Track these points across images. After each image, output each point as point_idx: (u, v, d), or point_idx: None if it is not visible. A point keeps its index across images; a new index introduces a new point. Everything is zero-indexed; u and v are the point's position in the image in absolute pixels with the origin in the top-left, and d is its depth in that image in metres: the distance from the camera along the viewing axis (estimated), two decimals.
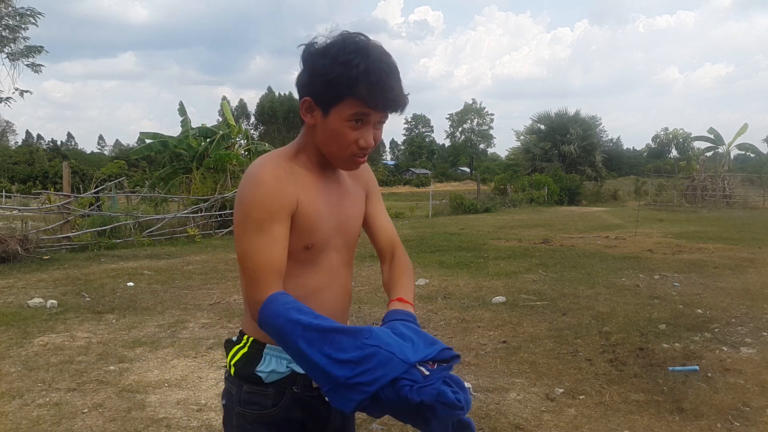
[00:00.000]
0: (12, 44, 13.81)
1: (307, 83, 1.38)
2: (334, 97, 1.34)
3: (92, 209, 13.61)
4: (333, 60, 1.32)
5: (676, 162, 43.41)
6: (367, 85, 1.31)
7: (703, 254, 10.74)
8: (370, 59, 1.32)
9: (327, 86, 1.34)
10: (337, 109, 1.35)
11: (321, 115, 1.38)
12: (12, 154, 50.20)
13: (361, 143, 1.39)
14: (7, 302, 6.81)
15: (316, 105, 1.38)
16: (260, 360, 1.45)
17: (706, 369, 4.51)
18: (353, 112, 1.35)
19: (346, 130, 1.37)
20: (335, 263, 1.52)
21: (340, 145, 1.40)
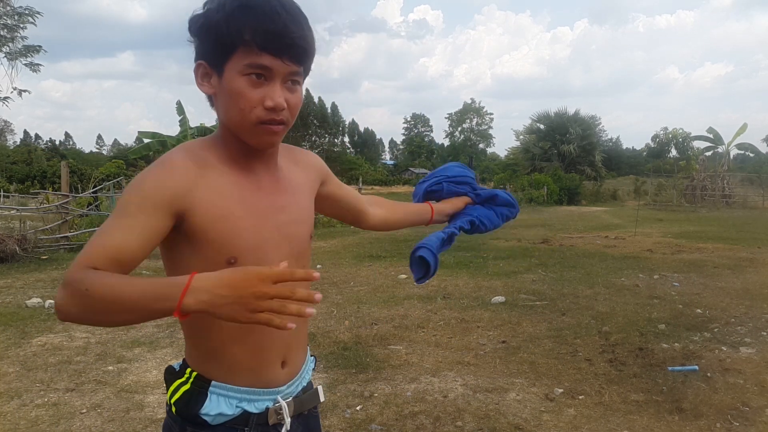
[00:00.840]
0: (10, 44, 13.78)
1: (196, 46, 1.20)
2: (224, 48, 1.13)
3: (90, 209, 13.60)
4: (211, 13, 1.15)
5: (676, 162, 43.48)
6: (253, 24, 1.11)
7: (702, 254, 10.74)
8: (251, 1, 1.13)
9: (213, 40, 1.15)
10: (231, 64, 1.14)
11: (217, 79, 1.17)
12: (10, 154, 50.15)
13: (267, 103, 1.14)
14: (6, 302, 6.80)
15: (210, 67, 1.17)
16: (205, 400, 1.23)
17: (705, 369, 4.50)
18: (248, 62, 1.12)
19: (244, 87, 1.14)
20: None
21: (241, 109, 1.15)
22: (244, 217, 1.20)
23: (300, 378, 1.38)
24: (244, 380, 1.26)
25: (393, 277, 8.44)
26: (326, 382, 4.29)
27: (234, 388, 1.24)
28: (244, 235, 1.19)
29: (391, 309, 6.50)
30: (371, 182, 56.05)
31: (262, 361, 1.27)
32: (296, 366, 1.36)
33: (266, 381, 1.28)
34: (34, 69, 14.44)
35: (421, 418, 3.69)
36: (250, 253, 1.19)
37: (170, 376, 1.29)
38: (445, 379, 4.37)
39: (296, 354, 1.35)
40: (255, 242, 1.20)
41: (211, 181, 1.18)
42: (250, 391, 1.26)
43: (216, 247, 1.17)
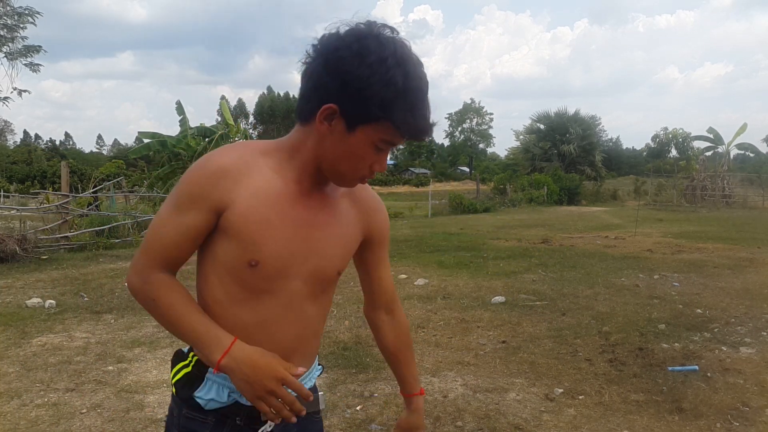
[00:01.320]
0: (10, 44, 13.79)
1: (335, 90, 1.16)
2: (368, 116, 1.16)
3: (90, 209, 13.60)
4: (371, 72, 1.12)
5: (676, 162, 43.47)
6: (404, 111, 1.15)
7: (702, 254, 10.74)
8: (409, 77, 1.15)
9: (361, 102, 1.14)
10: (367, 130, 1.17)
11: (343, 129, 1.18)
12: (10, 154, 50.19)
13: (375, 168, 1.24)
14: (6, 302, 6.80)
15: (342, 117, 1.17)
16: (200, 384, 1.29)
17: (705, 369, 4.50)
18: (385, 139, 1.19)
19: (368, 152, 1.21)
20: (297, 294, 1.31)
21: (353, 166, 1.23)
22: (277, 226, 1.24)
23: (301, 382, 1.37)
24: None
25: (393, 276, 8.41)
26: (326, 382, 4.29)
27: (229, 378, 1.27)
28: (270, 243, 1.24)
29: None
30: (371, 182, 55.62)
31: None
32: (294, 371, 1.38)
33: None
34: (34, 69, 14.46)
35: None
36: (272, 260, 1.25)
37: (176, 359, 1.36)
38: (445, 379, 4.37)
39: (297, 362, 1.35)
40: (280, 252, 1.25)
41: (256, 185, 1.23)
42: None
43: (243, 246, 1.23)
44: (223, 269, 1.26)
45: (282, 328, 1.30)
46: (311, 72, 1.19)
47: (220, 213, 1.22)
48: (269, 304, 1.28)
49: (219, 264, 1.26)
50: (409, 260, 10.07)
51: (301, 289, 1.31)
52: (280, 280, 1.27)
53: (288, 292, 1.29)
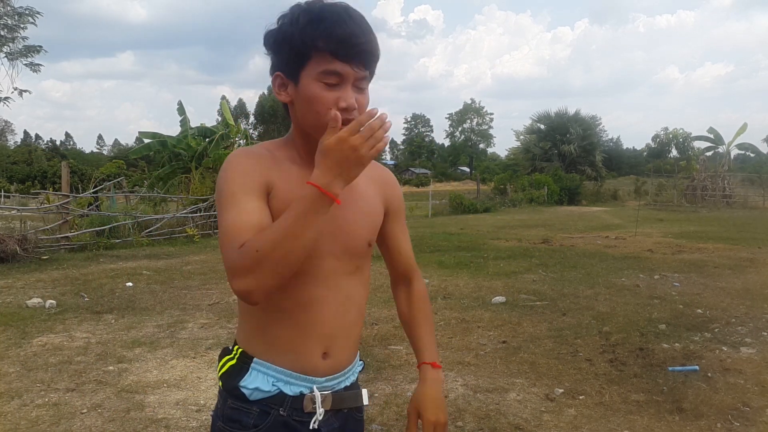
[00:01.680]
0: (11, 44, 13.81)
1: (272, 60, 1.29)
2: (299, 58, 1.23)
3: (91, 209, 13.60)
4: (287, 23, 1.24)
5: (676, 162, 43.46)
6: (326, 33, 1.20)
7: (703, 254, 10.74)
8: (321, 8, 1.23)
9: (288, 51, 1.24)
10: (306, 71, 1.23)
11: (294, 87, 1.26)
12: (10, 154, 50.19)
13: (341, 104, 1.22)
14: (6, 302, 6.80)
15: (287, 77, 1.27)
16: (245, 373, 1.33)
17: (705, 369, 4.50)
18: (322, 70, 1.22)
19: (320, 91, 1.23)
20: (333, 272, 1.33)
21: (317, 111, 1.23)
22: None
23: (344, 376, 1.41)
24: (282, 361, 1.32)
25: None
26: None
27: (273, 367, 1.32)
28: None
29: (392, 309, 6.49)
30: None
31: (301, 346, 1.32)
32: (340, 361, 1.38)
33: (304, 367, 1.33)
34: (35, 69, 14.48)
35: None
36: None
37: (223, 354, 1.40)
38: (446, 379, 4.37)
39: (341, 348, 1.38)
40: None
41: (284, 171, 1.30)
42: (287, 373, 1.32)
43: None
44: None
45: (324, 308, 1.32)
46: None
47: (269, 193, 1.27)
48: (308, 284, 1.30)
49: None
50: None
51: (336, 266, 1.33)
52: (313, 259, 1.28)
53: (323, 270, 1.31)
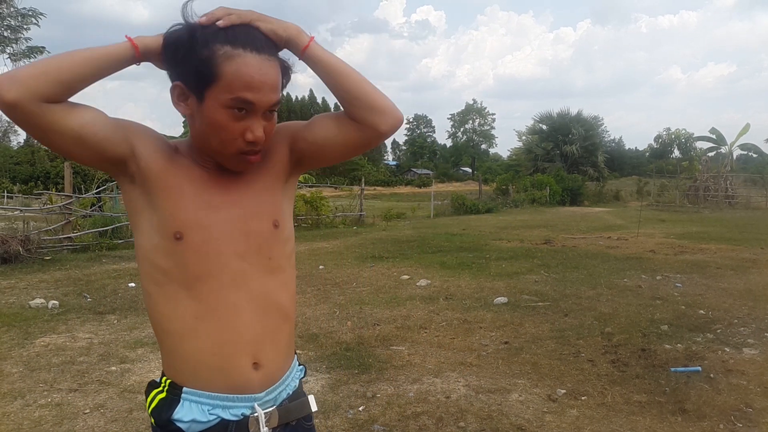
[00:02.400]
0: (14, 45, 13.85)
1: (172, 66, 1.16)
2: (206, 77, 1.10)
3: (94, 210, 13.61)
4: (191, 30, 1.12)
5: (679, 162, 43.41)
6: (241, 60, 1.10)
7: (705, 255, 10.73)
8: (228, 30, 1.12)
9: (194, 66, 1.11)
10: (212, 92, 1.11)
11: (196, 103, 1.14)
12: (13, 155, 50.19)
13: (248, 136, 1.14)
14: (9, 303, 6.82)
15: (188, 90, 1.14)
16: (177, 406, 1.21)
17: (708, 370, 4.50)
18: (232, 97, 1.11)
19: (227, 120, 1.12)
20: (242, 273, 1.22)
21: (221, 140, 1.15)
22: (192, 195, 1.20)
23: (283, 385, 1.31)
24: (214, 384, 1.21)
25: (395, 277, 8.44)
26: (329, 382, 4.29)
27: (205, 393, 1.21)
28: (190, 211, 1.20)
29: (394, 310, 6.50)
30: (373, 183, 56.03)
31: (227, 359, 1.21)
32: (273, 370, 1.28)
33: (238, 384, 1.22)
34: None
35: (424, 418, 3.70)
36: (198, 231, 1.19)
37: (150, 388, 1.28)
38: (448, 379, 4.37)
39: (272, 356, 1.27)
40: (203, 223, 1.20)
41: (174, 160, 1.21)
42: (223, 397, 1.21)
43: (165, 215, 1.19)
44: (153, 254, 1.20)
45: (240, 312, 1.22)
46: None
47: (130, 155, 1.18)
48: (215, 288, 1.20)
49: (147, 250, 1.21)
50: (412, 261, 10.08)
51: (245, 267, 1.22)
52: (213, 257, 1.20)
53: (231, 272, 1.21)
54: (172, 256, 1.19)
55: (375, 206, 24.36)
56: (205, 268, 1.19)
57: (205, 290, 1.20)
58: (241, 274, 1.22)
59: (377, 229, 16.59)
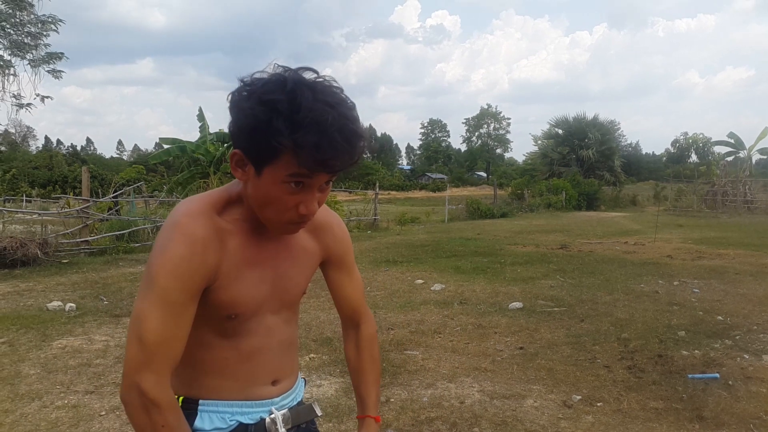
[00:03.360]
0: (33, 51, 14.01)
1: (236, 135, 1.11)
2: (266, 153, 1.07)
3: (111, 213, 13.74)
4: (257, 100, 1.05)
5: (696, 167, 43.01)
6: (305, 144, 1.03)
7: (723, 260, 10.60)
8: (304, 104, 1.03)
9: (253, 138, 1.07)
10: (272, 169, 1.08)
11: (254, 173, 1.12)
12: (32, 159, 50.90)
13: (302, 210, 1.14)
14: (27, 305, 6.89)
15: (249, 161, 1.11)
16: (195, 419, 1.26)
17: (726, 377, 4.44)
18: (291, 173, 1.08)
19: (282, 194, 1.11)
20: (271, 324, 1.32)
21: (276, 210, 1.14)
22: (248, 280, 1.24)
23: (294, 393, 1.43)
24: (232, 397, 1.30)
25: (410, 282, 8.43)
26: (342, 386, 4.29)
27: (224, 402, 1.29)
28: (247, 297, 1.25)
29: (408, 314, 6.49)
30: (388, 187, 56.03)
31: (247, 385, 1.31)
32: (288, 384, 1.41)
33: (257, 395, 1.33)
34: (56, 75, 14.66)
35: (438, 423, 3.68)
36: (247, 310, 1.27)
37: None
38: (462, 385, 4.35)
39: (288, 373, 1.41)
40: (254, 303, 1.27)
41: (230, 249, 1.21)
42: (240, 404, 1.30)
43: (223, 305, 1.22)
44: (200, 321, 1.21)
45: (267, 356, 1.33)
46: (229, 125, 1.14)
47: (208, 284, 1.18)
48: (250, 338, 1.29)
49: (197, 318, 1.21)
50: (426, 265, 10.06)
51: (275, 320, 1.34)
52: (254, 318, 1.29)
53: (264, 326, 1.31)
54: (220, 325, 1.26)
55: (389, 210, 24.35)
56: (246, 328, 1.29)
57: (241, 340, 1.29)
58: (273, 326, 1.33)
59: (391, 234, 16.59)
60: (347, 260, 1.48)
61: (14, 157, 50.50)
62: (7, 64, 13.82)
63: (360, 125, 1.09)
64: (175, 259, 1.12)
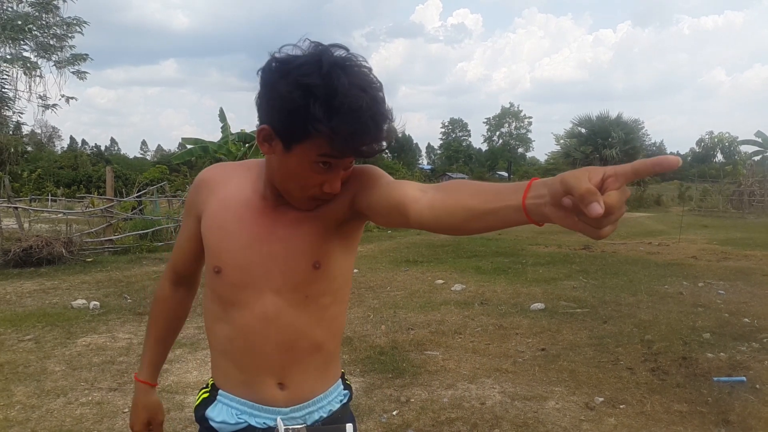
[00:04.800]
0: (59, 52, 14.23)
1: (266, 110, 1.12)
2: (298, 132, 1.07)
3: (134, 213, 13.91)
4: (294, 83, 1.04)
5: (722, 166, 42.36)
6: (338, 127, 1.03)
7: (750, 261, 10.41)
8: (338, 85, 1.03)
9: (287, 118, 1.07)
10: (302, 148, 1.09)
11: (282, 150, 1.12)
12: (57, 159, 51.67)
13: (326, 188, 1.15)
14: (53, 303, 7.00)
15: (278, 137, 1.12)
16: (212, 405, 1.32)
17: (753, 380, 4.35)
18: (320, 153, 1.09)
19: (310, 172, 1.12)
20: (273, 305, 1.25)
21: (300, 187, 1.16)
22: (235, 233, 1.26)
23: (315, 406, 1.31)
24: (240, 392, 1.30)
25: (430, 282, 8.41)
26: (363, 386, 4.29)
27: (235, 398, 1.30)
28: (230, 248, 1.26)
29: (428, 314, 6.47)
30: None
31: (252, 377, 1.29)
32: (301, 391, 1.30)
33: (262, 399, 1.28)
34: (81, 77, 14.88)
35: (458, 424, 3.66)
36: (235, 269, 1.26)
37: (203, 387, 1.40)
38: (483, 386, 4.33)
39: (299, 379, 1.29)
40: (240, 260, 1.25)
41: (227, 193, 1.29)
42: (250, 405, 1.29)
43: (210, 253, 1.30)
44: (207, 284, 1.34)
45: (264, 339, 1.25)
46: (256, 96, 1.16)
47: (200, 219, 1.33)
48: (245, 315, 1.26)
49: (206, 280, 1.35)
50: (446, 265, 10.02)
51: (276, 301, 1.25)
52: (247, 289, 1.25)
53: (261, 303, 1.25)
54: (214, 284, 1.30)
55: None
56: (238, 299, 1.27)
57: (237, 317, 1.27)
58: (273, 306, 1.25)
59: (412, 233, 16.56)
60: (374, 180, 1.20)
61: (40, 157, 51.31)
62: (33, 66, 14.05)
63: (387, 108, 1.11)
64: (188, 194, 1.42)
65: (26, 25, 13.37)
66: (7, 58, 13.58)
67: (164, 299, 1.52)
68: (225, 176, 1.33)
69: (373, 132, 1.07)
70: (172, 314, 1.54)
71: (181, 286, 1.51)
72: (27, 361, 4.82)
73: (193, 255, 1.41)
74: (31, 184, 33.50)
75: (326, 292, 1.29)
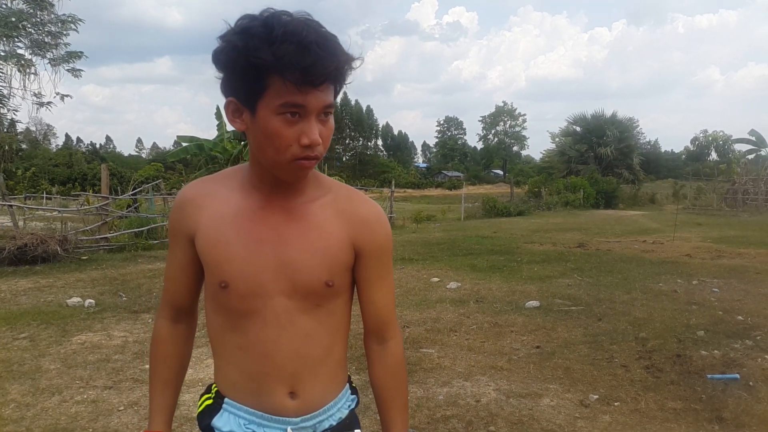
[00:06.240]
0: (54, 50, 14.15)
1: (223, 80, 1.13)
2: (255, 86, 1.07)
3: (130, 211, 13.88)
4: (232, 33, 1.07)
5: (716, 165, 42.48)
6: (286, 60, 1.03)
7: (744, 259, 10.46)
8: (280, 21, 1.05)
9: (242, 78, 1.08)
10: (264, 102, 1.08)
11: (250, 117, 1.12)
12: (52, 157, 51.52)
13: (303, 141, 1.10)
14: (47, 301, 6.99)
15: (242, 104, 1.12)
16: (217, 413, 1.28)
17: (747, 377, 4.38)
18: (283, 102, 1.07)
19: (280, 126, 1.09)
20: (286, 311, 1.22)
21: (276, 147, 1.11)
22: (237, 244, 1.22)
23: (325, 414, 1.30)
24: (249, 402, 1.27)
25: (425, 280, 8.43)
26: (358, 384, 4.27)
27: (243, 408, 1.27)
28: (235, 260, 1.21)
29: (423, 312, 6.48)
30: (404, 185, 55.98)
31: (263, 387, 1.25)
32: (311, 399, 1.28)
33: (272, 408, 1.25)
34: (76, 74, 14.79)
35: (453, 422, 3.68)
36: (241, 279, 1.21)
37: (204, 392, 1.37)
38: (478, 383, 4.34)
39: (310, 388, 1.27)
40: (245, 270, 1.21)
41: (216, 208, 1.24)
42: (258, 414, 1.26)
43: (211, 270, 1.24)
44: (210, 297, 1.29)
45: (279, 348, 1.23)
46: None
47: (193, 241, 1.26)
48: (257, 324, 1.23)
49: (207, 293, 1.30)
50: (442, 263, 10.04)
51: (289, 305, 1.23)
52: (258, 298, 1.22)
53: (273, 309, 1.22)
54: (221, 298, 1.25)
55: (405, 208, 24.35)
56: (248, 308, 1.23)
57: (248, 326, 1.24)
58: (285, 312, 1.23)
59: (407, 231, 16.59)
60: (383, 261, 1.31)
61: (35, 154, 51.14)
62: (27, 63, 13.97)
63: (337, 39, 1.11)
64: (170, 215, 1.32)
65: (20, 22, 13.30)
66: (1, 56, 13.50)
67: (164, 341, 1.38)
68: (209, 190, 1.27)
69: (321, 53, 1.05)
70: (176, 354, 1.40)
71: (181, 322, 1.39)
72: (22, 360, 4.81)
73: (190, 285, 1.33)
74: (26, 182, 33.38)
75: (336, 303, 1.30)
